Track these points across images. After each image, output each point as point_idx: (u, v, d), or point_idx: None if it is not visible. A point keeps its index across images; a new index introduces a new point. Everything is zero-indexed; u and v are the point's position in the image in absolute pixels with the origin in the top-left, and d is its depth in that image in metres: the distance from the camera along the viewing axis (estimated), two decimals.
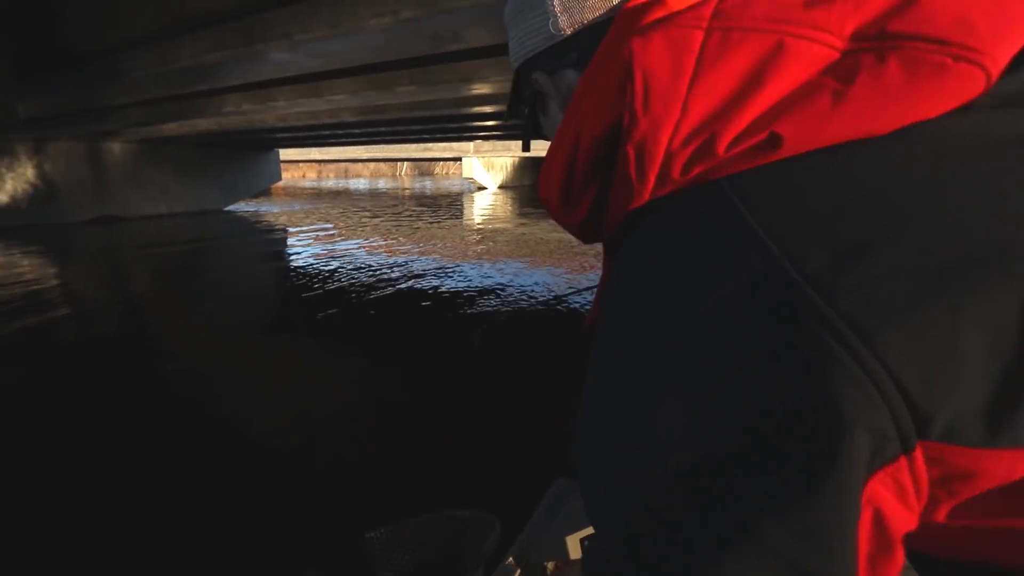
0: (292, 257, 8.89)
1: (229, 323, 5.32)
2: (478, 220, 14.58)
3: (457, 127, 12.51)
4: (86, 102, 7.55)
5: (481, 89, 6.53)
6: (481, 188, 27.16)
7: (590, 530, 0.87)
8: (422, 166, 51.40)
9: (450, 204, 19.23)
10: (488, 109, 8.36)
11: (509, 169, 28.39)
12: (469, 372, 3.77)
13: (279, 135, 13.54)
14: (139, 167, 14.13)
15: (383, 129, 12.54)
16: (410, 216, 14.62)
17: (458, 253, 8.65)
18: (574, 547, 0.91)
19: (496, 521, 0.84)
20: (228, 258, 9.48)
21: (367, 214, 15.34)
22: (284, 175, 22.03)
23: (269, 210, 17.11)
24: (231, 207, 16.97)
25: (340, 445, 2.81)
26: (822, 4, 0.33)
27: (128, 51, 5.67)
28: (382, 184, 35.33)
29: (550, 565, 0.90)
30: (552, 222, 0.59)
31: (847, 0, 0.32)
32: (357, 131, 13.20)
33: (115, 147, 13.36)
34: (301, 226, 12.64)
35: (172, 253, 9.62)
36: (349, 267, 7.42)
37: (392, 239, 10.29)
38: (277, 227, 13.21)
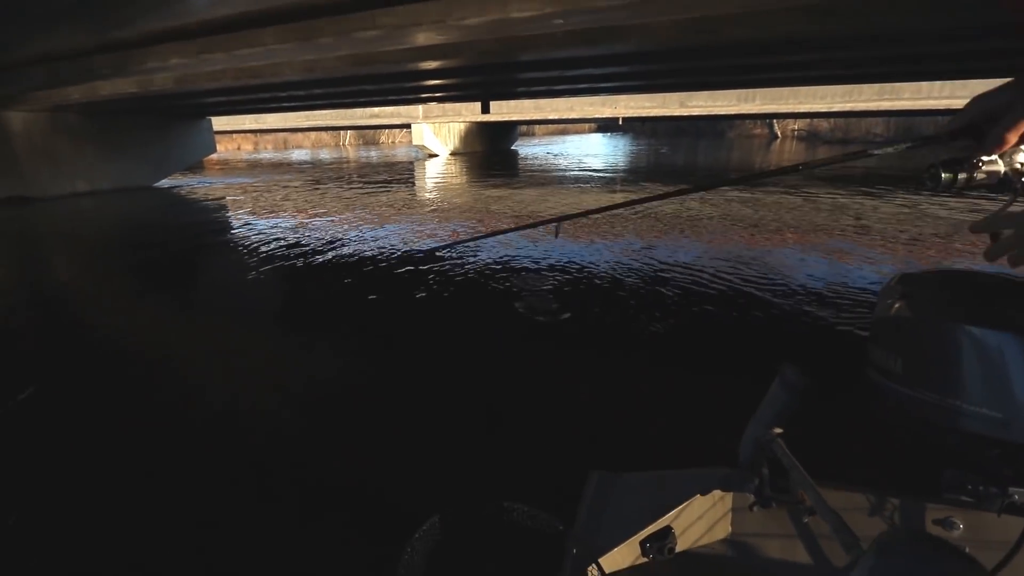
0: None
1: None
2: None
3: (411, 87, 11.55)
4: None
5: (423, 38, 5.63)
6: (432, 155, 26.10)
7: (648, 531, 0.86)
8: (367, 135, 49.26)
9: (404, 171, 18.22)
10: (434, 64, 7.41)
11: (462, 135, 27.39)
12: None
13: (211, 99, 12.15)
14: (50, 140, 12.55)
15: (330, 90, 11.42)
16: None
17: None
18: (632, 550, 0.87)
19: None
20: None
21: (335, 186, 14.24)
22: (217, 147, 20.36)
23: (213, 184, 15.68)
24: (162, 183, 15.49)
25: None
26: None
27: None
28: (325, 155, 33.46)
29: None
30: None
31: None
32: (301, 93, 12.00)
33: (17, 117, 11.76)
34: (251, 200, 11.49)
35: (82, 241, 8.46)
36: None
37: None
38: (232, 209, 12.01)
